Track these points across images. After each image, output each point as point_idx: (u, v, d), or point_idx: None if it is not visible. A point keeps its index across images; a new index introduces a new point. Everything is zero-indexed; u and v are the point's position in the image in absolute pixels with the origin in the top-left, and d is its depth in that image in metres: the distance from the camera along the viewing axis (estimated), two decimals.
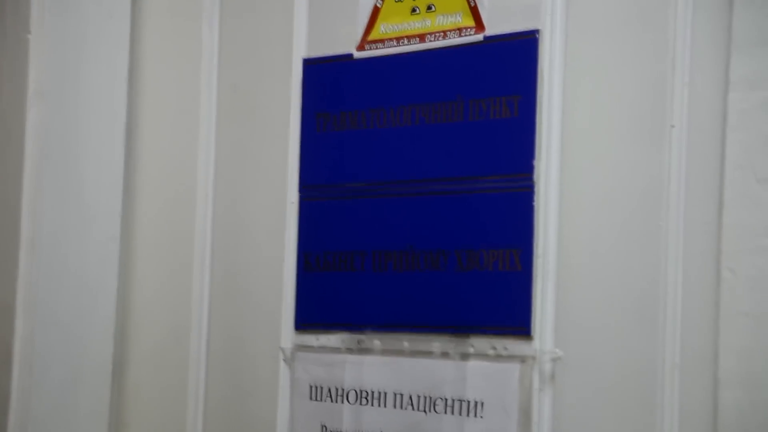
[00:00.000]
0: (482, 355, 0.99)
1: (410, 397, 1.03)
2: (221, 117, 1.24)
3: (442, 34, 1.02)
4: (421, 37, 1.03)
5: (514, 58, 0.98)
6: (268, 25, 1.19)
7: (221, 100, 1.24)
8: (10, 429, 1.08)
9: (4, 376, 1.08)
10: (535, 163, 0.96)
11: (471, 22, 0.99)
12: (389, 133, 1.07)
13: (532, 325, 0.95)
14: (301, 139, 1.15)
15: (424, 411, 1.02)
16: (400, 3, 1.05)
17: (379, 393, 1.06)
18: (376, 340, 1.07)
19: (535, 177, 0.96)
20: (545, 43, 0.97)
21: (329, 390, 1.10)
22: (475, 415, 0.98)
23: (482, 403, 0.98)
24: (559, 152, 0.96)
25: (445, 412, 1.00)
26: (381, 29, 1.07)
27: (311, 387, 1.12)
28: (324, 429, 1.09)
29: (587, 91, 0.97)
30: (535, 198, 0.96)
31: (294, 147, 1.15)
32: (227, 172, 1.24)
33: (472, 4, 0.99)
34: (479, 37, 0.99)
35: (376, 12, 1.07)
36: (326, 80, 1.14)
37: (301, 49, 1.15)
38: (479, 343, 0.99)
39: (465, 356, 1.00)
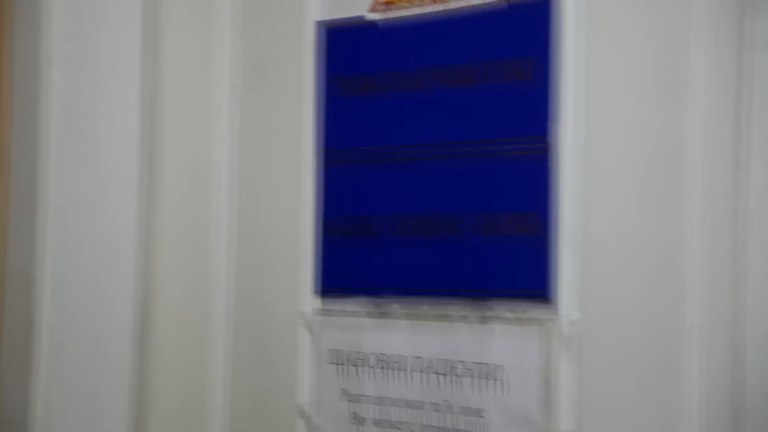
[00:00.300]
0: (501, 319, 0.97)
1: (430, 361, 1.02)
2: (238, 81, 1.22)
3: None
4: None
5: (530, 20, 0.96)
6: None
7: (237, 64, 1.22)
8: (35, 395, 1.08)
9: (27, 343, 1.10)
10: (551, 125, 0.94)
11: None
12: (406, 96, 1.05)
13: (551, 288, 0.94)
14: (318, 102, 1.13)
15: (444, 374, 1.01)
16: None
17: (400, 357, 1.05)
18: (395, 305, 1.06)
19: (551, 139, 0.94)
20: (562, 5, 0.93)
21: (350, 355, 1.09)
22: (495, 379, 0.97)
23: (502, 367, 0.97)
24: (575, 114, 0.94)
25: (465, 376, 1.00)
26: None
27: (332, 352, 1.11)
28: (345, 393, 1.08)
29: (604, 52, 0.94)
30: (551, 160, 0.94)
31: (311, 111, 1.14)
32: (246, 137, 1.22)
33: None
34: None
35: None
36: (342, 43, 1.11)
37: (316, 12, 1.13)
38: (498, 306, 0.97)
39: (484, 320, 0.98)
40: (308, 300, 1.13)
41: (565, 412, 0.94)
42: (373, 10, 1.06)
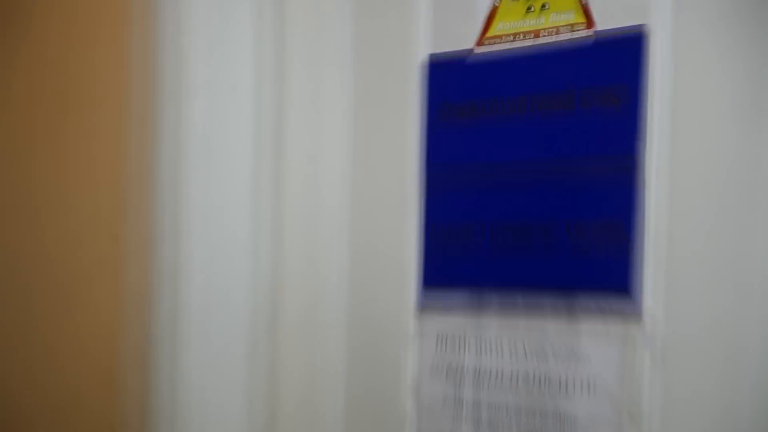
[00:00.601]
0: (589, 314, 0.97)
1: (524, 348, 1.03)
2: (356, 108, 1.22)
3: (555, 30, 1.00)
4: (536, 34, 1.01)
5: (622, 52, 0.95)
6: (395, 24, 1.16)
7: (356, 93, 1.22)
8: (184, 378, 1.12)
9: (175, 331, 1.12)
10: (639, 144, 0.94)
11: (582, 19, 0.97)
12: (504, 120, 1.04)
13: (636, 287, 0.94)
14: (427, 125, 1.13)
15: (536, 361, 1.02)
16: (515, 2, 1.03)
17: (497, 344, 1.05)
18: (494, 299, 1.05)
19: (638, 157, 0.94)
20: (652, 37, 0.93)
21: (453, 341, 1.09)
22: (584, 365, 0.98)
23: (588, 355, 0.98)
24: (662, 136, 0.93)
25: (555, 363, 1.00)
26: (498, 27, 1.04)
27: (437, 338, 1.11)
28: (448, 374, 1.10)
29: (691, 80, 0.93)
30: (638, 175, 0.94)
31: (421, 132, 1.14)
32: (363, 155, 1.20)
33: (584, 2, 0.97)
34: (590, 32, 0.97)
35: (494, 11, 1.05)
36: (448, 74, 1.11)
37: (426, 46, 1.12)
38: (586, 302, 0.98)
39: (573, 314, 0.98)
40: (418, 294, 1.13)
41: (650, 393, 0.94)
42: (478, 44, 1.08)
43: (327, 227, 1.23)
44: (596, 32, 0.96)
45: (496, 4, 1.05)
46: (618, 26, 0.95)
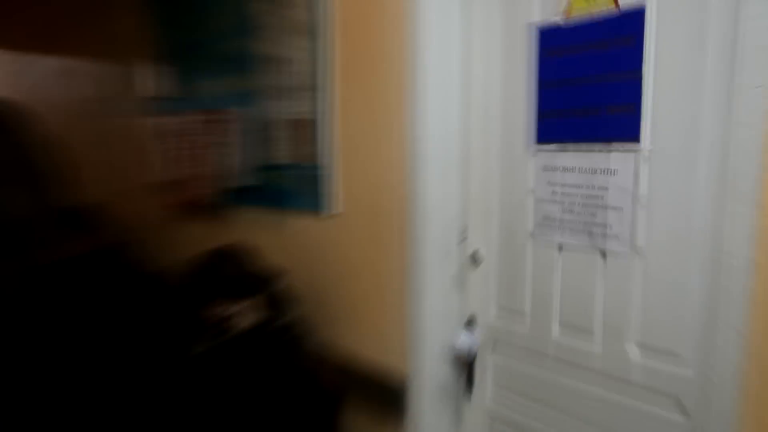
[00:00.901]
0: (618, 149, 1.38)
1: (586, 169, 1.44)
2: (501, 51, 1.63)
3: (600, 10, 1.39)
4: (591, 12, 1.41)
5: (633, 18, 1.33)
6: (521, 7, 1.57)
7: (501, 42, 1.62)
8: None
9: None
10: (643, 64, 1.31)
11: (613, 5, 1.37)
12: (576, 55, 1.45)
13: (641, 136, 1.34)
14: (536, 59, 1.55)
15: (592, 174, 1.42)
16: None
17: (572, 167, 1.47)
18: (570, 145, 1.48)
19: (643, 71, 1.31)
20: (647, 11, 1.30)
21: (550, 167, 1.53)
22: (613, 175, 1.39)
23: (616, 170, 1.38)
24: (655, 58, 1.30)
25: (601, 173, 1.40)
26: (573, 9, 1.46)
27: (542, 166, 1.56)
28: (548, 183, 1.52)
29: (670, 31, 1.27)
30: (643, 81, 1.31)
31: (534, 63, 1.56)
32: (505, 75, 1.62)
33: None
34: (618, 10, 1.36)
35: (570, 3, 1.48)
36: (548, 35, 1.53)
37: (536, 18, 1.54)
38: (616, 145, 1.38)
39: (609, 150, 1.38)
40: (534, 146, 1.57)
41: (644, 185, 1.34)
42: (563, 19, 1.47)
43: (488, 113, 1.69)
44: (620, 10, 1.35)
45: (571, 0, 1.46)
46: (631, 7, 1.33)
